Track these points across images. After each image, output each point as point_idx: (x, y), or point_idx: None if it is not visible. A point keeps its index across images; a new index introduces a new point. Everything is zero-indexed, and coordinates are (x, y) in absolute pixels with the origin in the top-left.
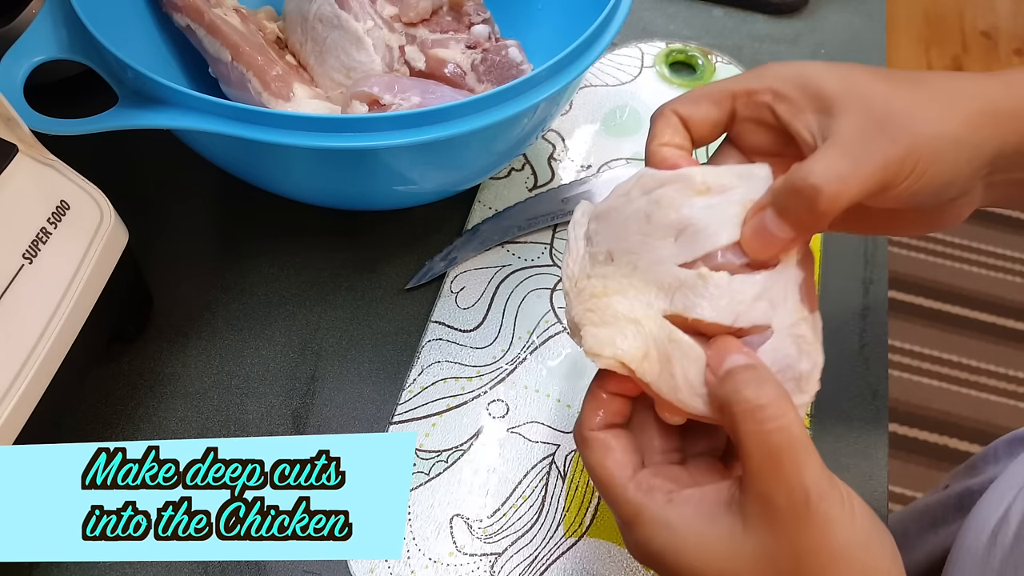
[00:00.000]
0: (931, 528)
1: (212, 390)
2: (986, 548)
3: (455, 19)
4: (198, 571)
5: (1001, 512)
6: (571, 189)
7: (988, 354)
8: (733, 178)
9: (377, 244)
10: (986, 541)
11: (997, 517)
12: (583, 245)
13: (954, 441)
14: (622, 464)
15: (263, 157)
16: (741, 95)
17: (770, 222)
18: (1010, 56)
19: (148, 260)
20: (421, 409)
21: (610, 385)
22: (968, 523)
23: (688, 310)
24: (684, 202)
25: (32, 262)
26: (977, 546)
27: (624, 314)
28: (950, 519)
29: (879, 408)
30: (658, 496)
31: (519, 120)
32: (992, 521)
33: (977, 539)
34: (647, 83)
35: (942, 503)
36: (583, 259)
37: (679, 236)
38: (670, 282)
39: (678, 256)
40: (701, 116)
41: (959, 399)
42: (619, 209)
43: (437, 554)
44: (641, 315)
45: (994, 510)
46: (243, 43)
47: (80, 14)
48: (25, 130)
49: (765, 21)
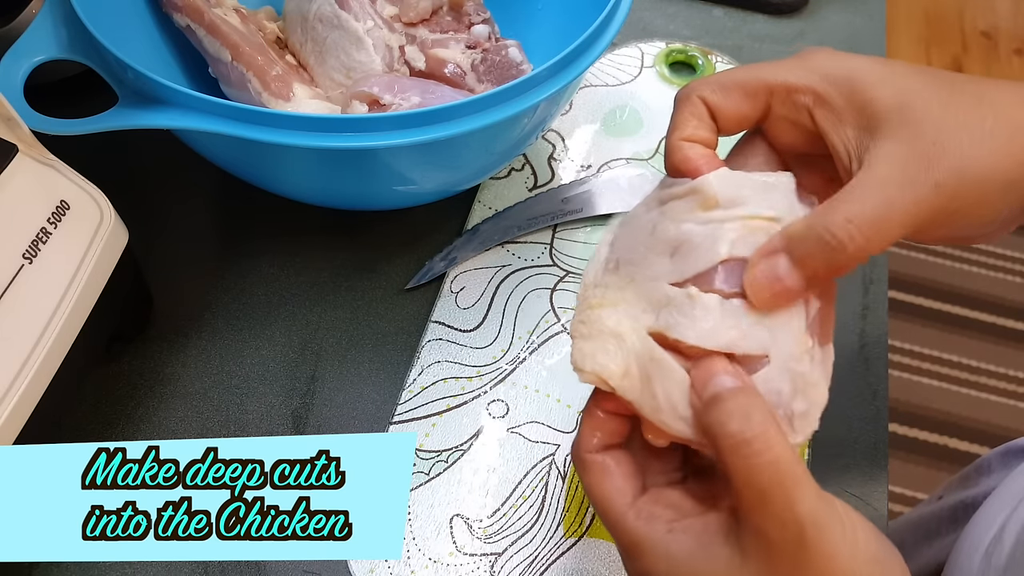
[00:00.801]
0: (925, 540)
1: (212, 390)
2: (980, 569)
3: (455, 19)
4: (198, 571)
5: (995, 531)
6: (571, 189)
7: (988, 354)
8: (750, 190)
9: (377, 244)
10: (979, 561)
11: (991, 536)
12: (605, 251)
13: (954, 441)
14: (621, 491)
15: (263, 157)
16: (780, 91)
17: (783, 271)
18: (1010, 56)
19: (148, 260)
20: (421, 409)
21: (605, 404)
22: (961, 541)
23: (670, 329)
24: (688, 216)
25: (32, 262)
26: (971, 566)
27: (610, 328)
28: (944, 531)
29: (879, 408)
30: (658, 526)
31: (519, 120)
32: (986, 540)
33: (970, 559)
34: (647, 83)
35: (936, 515)
36: (599, 266)
37: (674, 253)
38: (659, 298)
39: (671, 274)
40: (732, 108)
41: (959, 399)
42: (637, 217)
43: (437, 554)
44: (627, 330)
45: (987, 528)
46: (243, 43)
47: (80, 14)
48: (25, 130)
49: (765, 21)
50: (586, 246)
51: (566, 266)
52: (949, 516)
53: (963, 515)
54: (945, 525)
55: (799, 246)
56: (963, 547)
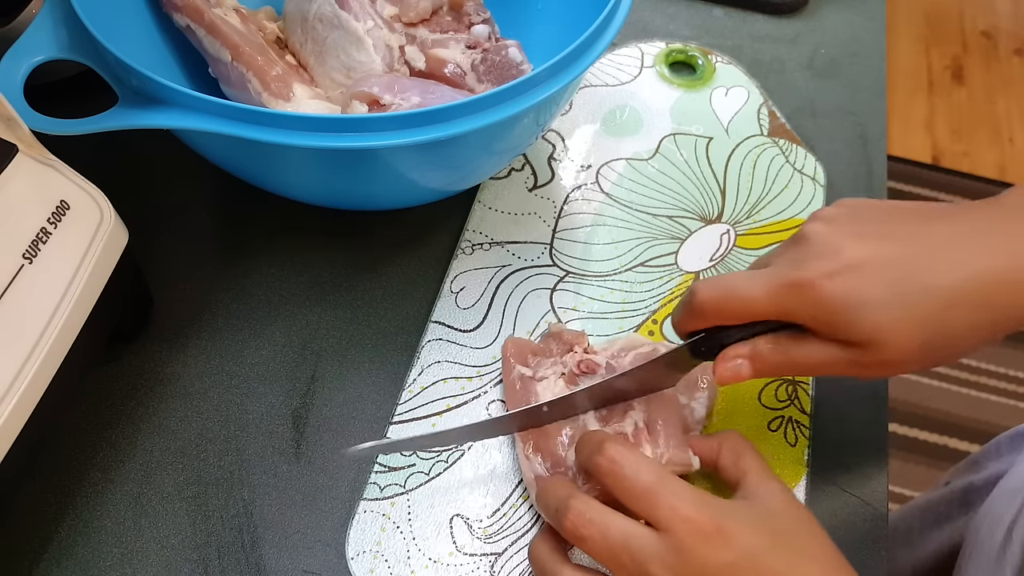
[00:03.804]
0: (936, 525)
1: (212, 390)
2: (1001, 544)
3: (455, 19)
4: (198, 571)
5: (1016, 507)
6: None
7: (988, 354)
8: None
9: (377, 244)
10: (1001, 538)
11: (1013, 512)
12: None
13: (954, 441)
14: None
15: (263, 157)
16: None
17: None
18: (1010, 56)
19: (148, 260)
20: (421, 409)
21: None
22: (980, 519)
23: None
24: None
25: (32, 262)
26: (992, 543)
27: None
28: (956, 515)
29: (879, 408)
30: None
31: (519, 120)
32: (1007, 517)
33: (991, 535)
34: (647, 83)
35: (945, 499)
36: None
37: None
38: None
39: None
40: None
41: (959, 399)
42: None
43: (437, 554)
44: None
45: (1008, 505)
46: (243, 43)
47: (80, 14)
48: (25, 130)
49: (765, 21)
50: (586, 246)
51: (566, 266)
52: (959, 500)
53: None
54: (956, 509)
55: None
56: (982, 525)
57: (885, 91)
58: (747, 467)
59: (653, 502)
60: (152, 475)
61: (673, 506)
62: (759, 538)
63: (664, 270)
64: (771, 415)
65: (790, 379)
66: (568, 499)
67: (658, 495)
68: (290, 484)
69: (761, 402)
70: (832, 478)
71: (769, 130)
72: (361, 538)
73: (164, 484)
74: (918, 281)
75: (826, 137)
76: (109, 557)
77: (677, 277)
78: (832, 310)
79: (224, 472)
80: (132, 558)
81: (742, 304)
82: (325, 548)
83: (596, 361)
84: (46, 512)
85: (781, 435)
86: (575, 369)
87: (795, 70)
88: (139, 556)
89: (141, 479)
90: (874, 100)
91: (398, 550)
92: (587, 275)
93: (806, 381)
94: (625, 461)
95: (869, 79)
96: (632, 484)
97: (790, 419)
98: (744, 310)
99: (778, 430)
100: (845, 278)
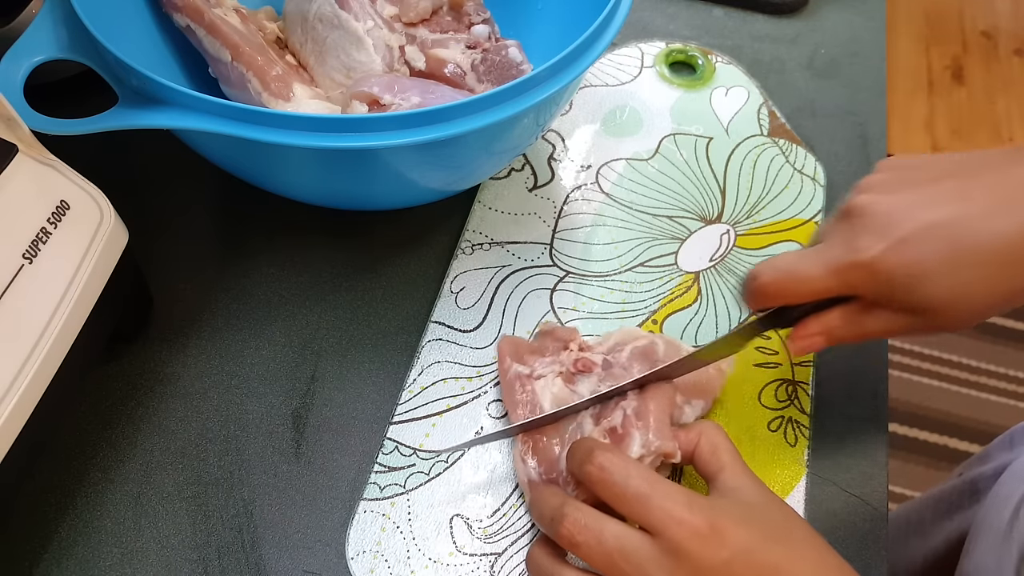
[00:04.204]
0: (946, 515)
1: (212, 390)
2: (1008, 523)
3: (455, 19)
4: (198, 570)
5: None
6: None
7: (988, 354)
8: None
9: (377, 244)
10: (1008, 516)
11: (1021, 491)
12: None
13: (954, 441)
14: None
15: (263, 157)
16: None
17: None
18: (1010, 56)
19: (148, 260)
20: (421, 409)
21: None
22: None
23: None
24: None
25: (32, 262)
26: (999, 521)
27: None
28: (966, 504)
29: (879, 408)
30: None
31: (519, 120)
32: (1015, 496)
33: (999, 514)
34: (647, 83)
35: (957, 489)
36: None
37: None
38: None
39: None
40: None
41: (959, 399)
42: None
43: (437, 554)
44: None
45: (1016, 486)
46: (243, 43)
47: (80, 14)
48: (25, 130)
49: (765, 21)
50: (586, 246)
51: (566, 266)
52: (969, 490)
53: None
54: (966, 499)
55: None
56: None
57: (885, 91)
58: (724, 461)
59: (645, 506)
60: (152, 475)
61: (665, 508)
62: (751, 534)
63: (664, 270)
64: (771, 415)
65: (790, 379)
66: (562, 506)
67: (650, 499)
68: (290, 484)
69: (761, 402)
70: (832, 478)
71: (769, 130)
72: (361, 538)
73: (164, 484)
74: (975, 242)
75: (826, 137)
76: (109, 557)
77: (677, 277)
78: (894, 285)
79: (224, 472)
80: (132, 558)
81: (804, 286)
82: (325, 548)
83: (593, 359)
84: (46, 512)
85: (781, 435)
86: (571, 368)
87: (795, 70)
88: (139, 556)
89: (141, 479)
90: (874, 100)
91: (398, 550)
92: (587, 275)
93: (806, 381)
94: (614, 468)
95: (869, 79)
96: (623, 490)
97: (790, 419)
98: (807, 291)
99: (778, 430)
100: (902, 252)
